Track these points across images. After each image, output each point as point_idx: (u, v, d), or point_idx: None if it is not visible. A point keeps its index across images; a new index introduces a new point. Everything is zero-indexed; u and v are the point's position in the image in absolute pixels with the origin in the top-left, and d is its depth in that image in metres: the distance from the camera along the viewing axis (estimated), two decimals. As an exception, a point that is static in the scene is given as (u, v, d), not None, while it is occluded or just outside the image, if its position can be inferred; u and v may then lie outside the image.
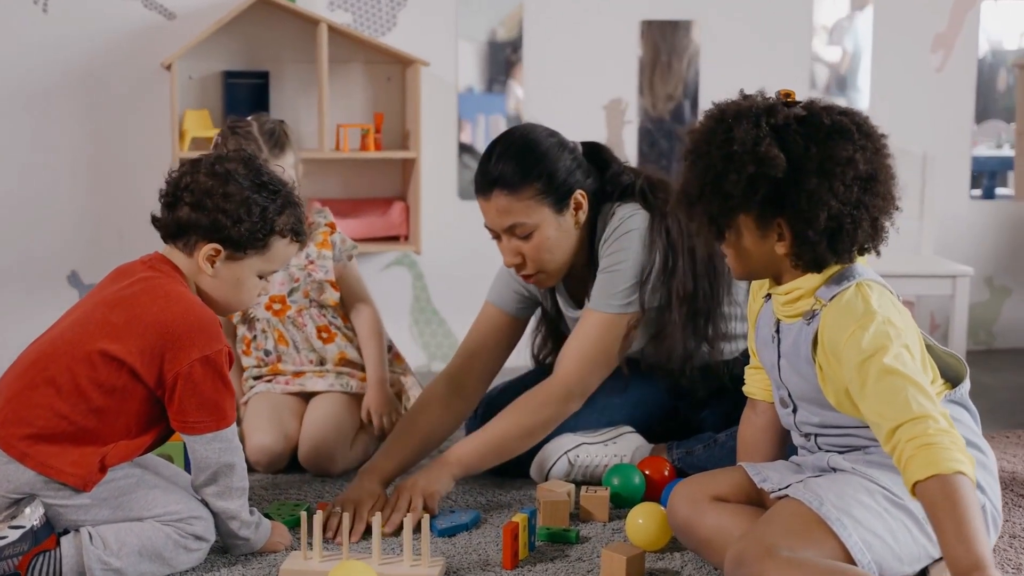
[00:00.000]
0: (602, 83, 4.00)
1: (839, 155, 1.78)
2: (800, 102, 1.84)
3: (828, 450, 1.95)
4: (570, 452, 2.50)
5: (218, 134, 2.70)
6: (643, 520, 2.12)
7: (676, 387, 2.52)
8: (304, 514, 2.05)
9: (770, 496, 1.93)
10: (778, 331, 1.94)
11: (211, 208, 2.00)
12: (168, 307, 1.96)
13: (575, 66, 3.96)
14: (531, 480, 2.54)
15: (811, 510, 1.80)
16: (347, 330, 2.80)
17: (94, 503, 1.94)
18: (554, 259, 2.37)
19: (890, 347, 1.73)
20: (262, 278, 2.10)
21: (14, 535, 1.85)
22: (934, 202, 3.79)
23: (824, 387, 1.87)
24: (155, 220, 2.08)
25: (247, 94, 3.67)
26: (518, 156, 2.30)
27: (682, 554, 2.12)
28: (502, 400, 2.45)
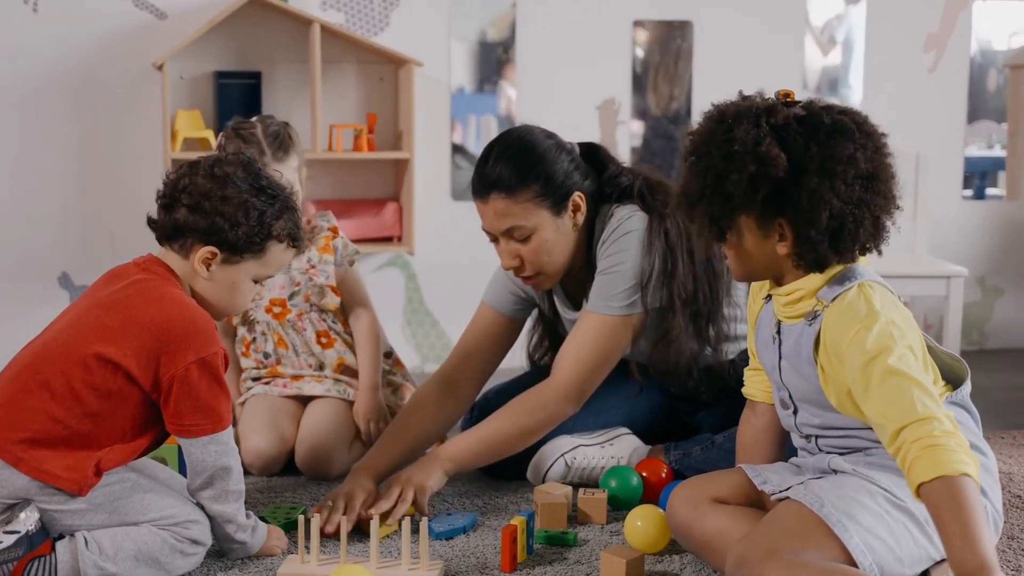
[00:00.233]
0: (595, 83, 3.99)
1: (840, 154, 1.78)
2: (800, 102, 1.84)
3: (829, 451, 1.94)
4: (567, 454, 2.49)
5: (221, 135, 2.68)
6: (642, 522, 2.12)
7: (683, 390, 2.51)
8: (301, 518, 2.04)
9: (770, 498, 1.93)
10: (779, 332, 1.93)
11: (209, 211, 1.98)
12: (163, 309, 1.95)
13: (568, 66, 3.95)
14: (527, 482, 2.53)
15: (812, 512, 1.80)
16: (347, 336, 2.78)
17: (89, 508, 1.92)
18: (552, 261, 2.35)
19: (894, 348, 1.73)
20: (257, 282, 2.09)
21: (9, 540, 1.84)
22: (927, 202, 3.80)
23: (826, 388, 1.86)
24: (151, 221, 2.06)
25: (239, 94, 3.65)
26: (516, 158, 2.29)
27: (681, 556, 2.11)
28: (499, 401, 2.44)
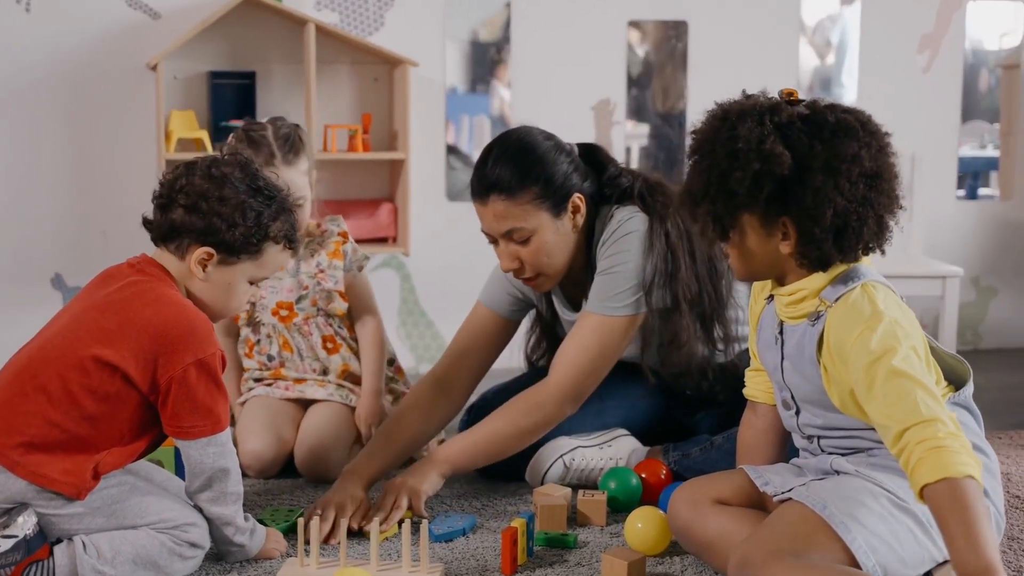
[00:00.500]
0: (590, 83, 3.98)
1: (844, 152, 1.78)
2: (803, 100, 1.83)
3: (831, 452, 1.94)
4: (566, 456, 2.48)
5: (231, 135, 2.67)
6: (642, 524, 2.11)
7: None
8: (300, 521, 2.03)
9: (772, 499, 1.92)
10: (781, 332, 1.93)
11: (206, 211, 1.97)
12: (161, 311, 1.93)
13: (563, 66, 3.94)
14: (526, 484, 2.52)
15: (815, 513, 1.79)
16: (352, 342, 2.77)
17: (87, 512, 1.90)
18: (552, 263, 2.34)
19: (898, 349, 1.72)
20: (253, 284, 2.08)
21: (6, 545, 1.82)
22: (922, 202, 3.80)
23: (828, 389, 1.85)
24: (147, 222, 2.04)
25: (233, 95, 3.64)
26: (515, 160, 2.27)
27: (682, 558, 2.11)
28: (497, 402, 2.42)
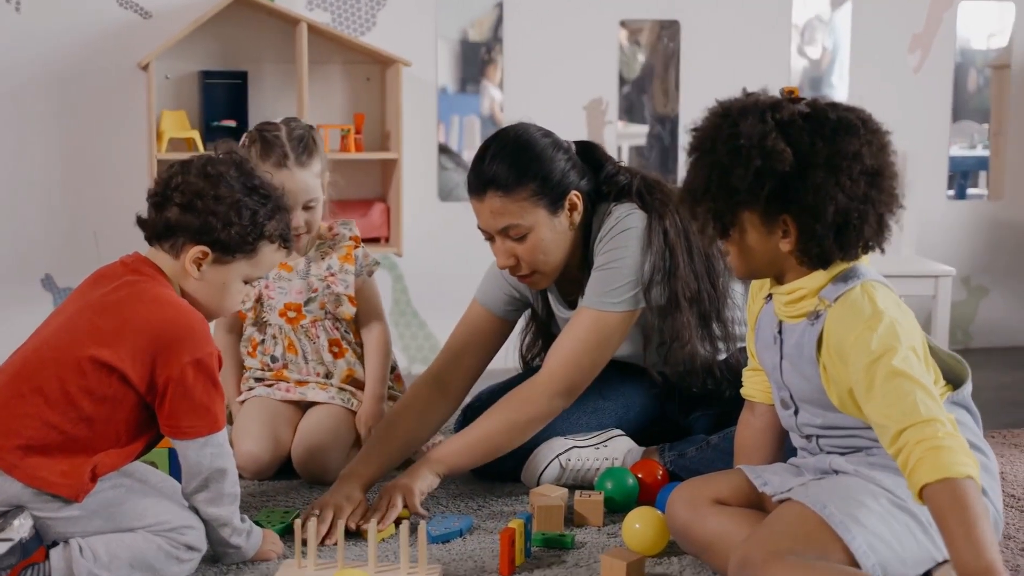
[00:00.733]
0: (582, 83, 3.98)
1: (846, 149, 1.77)
2: (804, 98, 1.83)
3: (830, 451, 1.93)
4: (561, 456, 2.48)
5: (244, 136, 2.66)
6: (640, 525, 2.10)
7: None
8: (297, 522, 2.02)
9: (771, 499, 1.92)
10: (780, 332, 1.92)
11: (201, 210, 1.96)
12: (158, 311, 1.92)
13: (555, 65, 3.94)
14: (522, 485, 2.51)
15: (815, 513, 1.78)
16: (358, 347, 2.75)
17: (84, 514, 1.89)
18: (549, 260, 2.33)
19: (898, 349, 1.72)
20: (248, 283, 2.06)
21: (2, 548, 1.80)
22: (914, 202, 3.81)
23: (827, 388, 1.85)
24: (140, 221, 2.03)
25: (225, 94, 3.62)
26: (512, 156, 2.27)
27: (680, 558, 2.10)
28: (492, 402, 2.39)
